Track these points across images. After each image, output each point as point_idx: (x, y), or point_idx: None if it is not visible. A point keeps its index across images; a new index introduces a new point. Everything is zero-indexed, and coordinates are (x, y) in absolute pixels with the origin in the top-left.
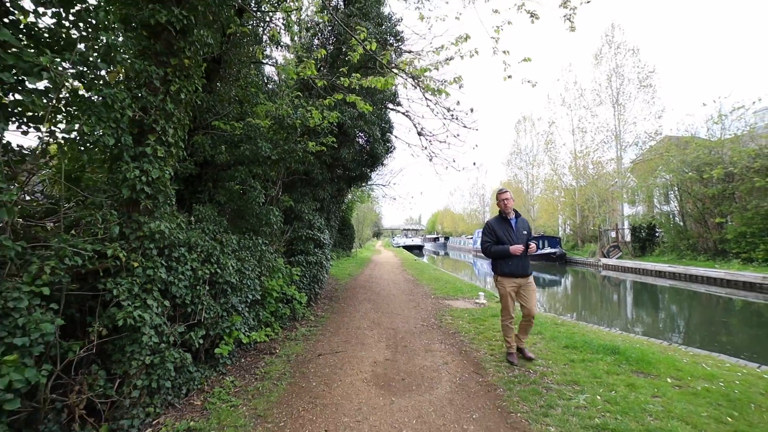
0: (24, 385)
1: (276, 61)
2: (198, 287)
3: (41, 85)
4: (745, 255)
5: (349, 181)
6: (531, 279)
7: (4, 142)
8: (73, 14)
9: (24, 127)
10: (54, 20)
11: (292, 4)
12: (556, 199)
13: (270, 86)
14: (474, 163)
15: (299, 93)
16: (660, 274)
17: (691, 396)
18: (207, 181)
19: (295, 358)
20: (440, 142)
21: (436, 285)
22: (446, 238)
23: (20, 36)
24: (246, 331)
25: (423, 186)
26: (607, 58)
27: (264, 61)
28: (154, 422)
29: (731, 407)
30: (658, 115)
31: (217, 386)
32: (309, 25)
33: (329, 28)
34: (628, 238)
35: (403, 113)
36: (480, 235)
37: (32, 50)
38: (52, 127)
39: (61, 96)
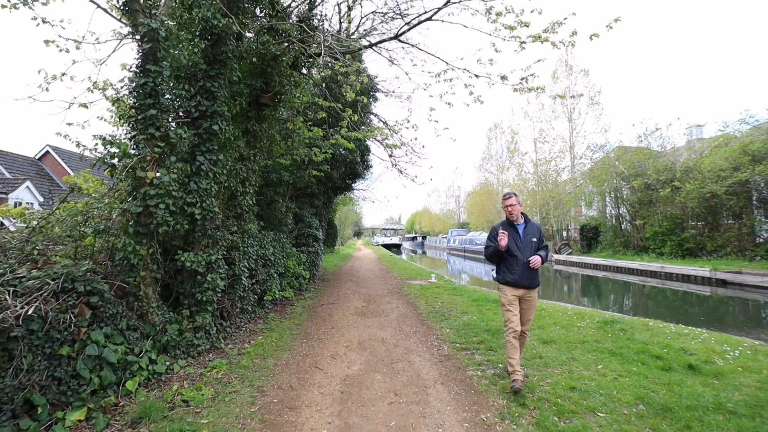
0: (221, 288)
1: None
2: (257, 260)
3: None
4: (659, 250)
5: (336, 191)
6: (535, 292)
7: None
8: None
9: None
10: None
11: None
12: (522, 202)
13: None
14: (431, 179)
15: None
16: (596, 266)
17: None
18: None
19: (308, 306)
20: (405, 162)
21: (403, 272)
22: (424, 237)
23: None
24: (277, 290)
25: (401, 189)
26: (562, 77)
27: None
28: (245, 324)
29: (537, 318)
30: (606, 129)
31: (268, 317)
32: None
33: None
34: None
35: (378, 141)
36: (453, 234)
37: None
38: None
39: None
